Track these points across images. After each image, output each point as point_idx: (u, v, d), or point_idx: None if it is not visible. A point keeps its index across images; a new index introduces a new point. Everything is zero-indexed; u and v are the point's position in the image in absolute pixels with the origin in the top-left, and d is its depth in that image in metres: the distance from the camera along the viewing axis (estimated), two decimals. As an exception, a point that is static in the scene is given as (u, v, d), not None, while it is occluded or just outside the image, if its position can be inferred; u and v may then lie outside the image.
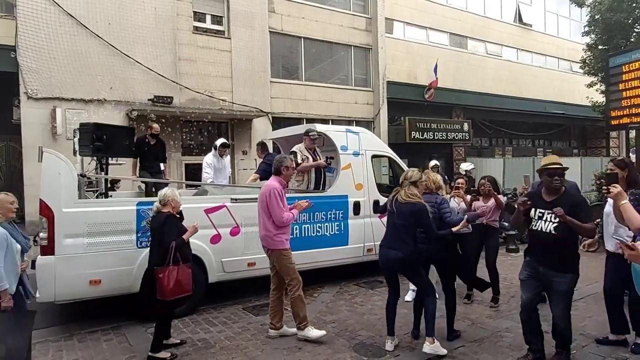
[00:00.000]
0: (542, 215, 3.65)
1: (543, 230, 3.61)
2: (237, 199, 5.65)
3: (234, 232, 5.57)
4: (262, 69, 13.39)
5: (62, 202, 4.63)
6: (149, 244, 4.46)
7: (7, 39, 10.20)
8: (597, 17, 15.48)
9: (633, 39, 15.02)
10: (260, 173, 6.87)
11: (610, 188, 3.02)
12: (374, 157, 7.09)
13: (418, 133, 16.21)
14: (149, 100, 11.44)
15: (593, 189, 12.41)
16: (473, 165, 10.20)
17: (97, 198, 5.96)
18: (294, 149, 6.32)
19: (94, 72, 10.82)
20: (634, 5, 14.90)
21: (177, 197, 4.24)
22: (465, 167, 9.62)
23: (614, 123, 11.16)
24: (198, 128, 12.73)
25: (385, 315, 4.26)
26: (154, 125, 7.23)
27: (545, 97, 21.09)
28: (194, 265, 4.49)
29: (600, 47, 15.87)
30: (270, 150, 8.30)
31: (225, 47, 12.82)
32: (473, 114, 18.81)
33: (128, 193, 7.21)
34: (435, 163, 9.11)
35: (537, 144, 23.12)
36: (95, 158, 6.10)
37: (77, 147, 6.19)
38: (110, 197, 6.10)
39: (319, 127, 6.71)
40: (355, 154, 6.69)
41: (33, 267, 4.53)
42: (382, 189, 6.88)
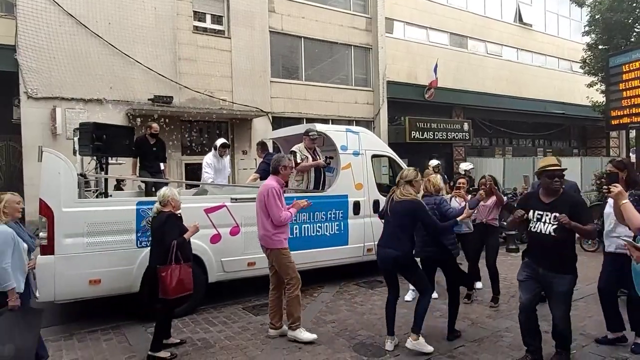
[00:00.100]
0: (540, 217, 3.63)
1: (542, 232, 3.60)
2: (237, 199, 5.66)
3: (234, 231, 5.58)
4: (262, 69, 13.37)
5: (62, 201, 4.64)
6: (149, 244, 4.45)
7: (7, 39, 10.19)
8: (597, 16, 15.46)
9: (633, 39, 15.01)
10: (260, 173, 6.87)
11: (611, 187, 3.02)
12: (374, 156, 7.10)
13: (418, 133, 16.20)
14: (149, 100, 11.43)
15: (593, 189, 12.41)
16: (472, 165, 10.16)
17: (97, 198, 5.96)
18: (294, 149, 6.33)
19: (94, 71, 10.80)
20: (634, 5, 14.89)
21: (176, 196, 4.25)
22: (465, 167, 9.59)
23: (614, 123, 11.18)
24: (198, 128, 12.71)
25: (385, 315, 4.26)
26: (154, 125, 7.22)
27: (546, 96, 21.06)
28: (194, 265, 4.49)
29: (601, 46, 15.85)
30: (270, 150, 8.30)
31: (225, 46, 12.80)
32: (473, 114, 18.79)
33: (128, 193, 7.22)
34: (437, 163, 9.09)
35: (537, 144, 23.09)
36: (95, 158, 6.10)
37: (77, 146, 6.19)
38: (110, 196, 6.09)
39: (319, 126, 6.71)
40: (355, 154, 6.69)
41: (33, 266, 4.53)
42: (382, 189, 6.87)
